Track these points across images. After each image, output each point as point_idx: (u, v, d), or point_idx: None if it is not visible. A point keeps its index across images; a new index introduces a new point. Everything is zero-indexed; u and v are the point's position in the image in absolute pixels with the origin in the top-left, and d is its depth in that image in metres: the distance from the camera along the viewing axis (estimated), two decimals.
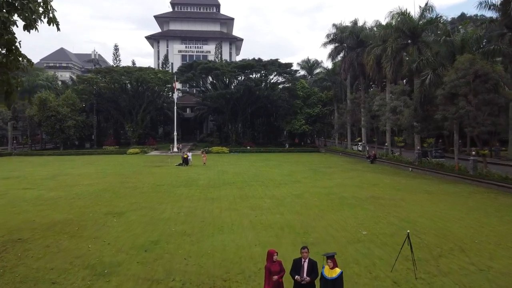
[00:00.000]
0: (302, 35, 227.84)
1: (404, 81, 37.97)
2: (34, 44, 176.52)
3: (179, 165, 33.06)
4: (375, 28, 39.81)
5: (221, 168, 31.62)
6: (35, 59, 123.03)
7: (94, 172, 29.00)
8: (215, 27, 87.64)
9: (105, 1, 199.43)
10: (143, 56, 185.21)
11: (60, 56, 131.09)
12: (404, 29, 31.72)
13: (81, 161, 39.17)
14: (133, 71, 54.00)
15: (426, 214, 14.61)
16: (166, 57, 78.61)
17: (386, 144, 36.19)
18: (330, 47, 47.19)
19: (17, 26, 7.99)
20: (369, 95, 40.46)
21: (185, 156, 33.20)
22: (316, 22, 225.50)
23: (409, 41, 32.27)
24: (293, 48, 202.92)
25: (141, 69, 55.94)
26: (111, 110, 58.84)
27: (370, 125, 40.94)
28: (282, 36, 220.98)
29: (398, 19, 31.83)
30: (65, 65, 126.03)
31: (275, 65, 54.57)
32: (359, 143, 47.09)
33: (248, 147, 53.34)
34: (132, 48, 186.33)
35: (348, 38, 43.24)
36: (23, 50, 8.17)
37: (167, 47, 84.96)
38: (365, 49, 40.65)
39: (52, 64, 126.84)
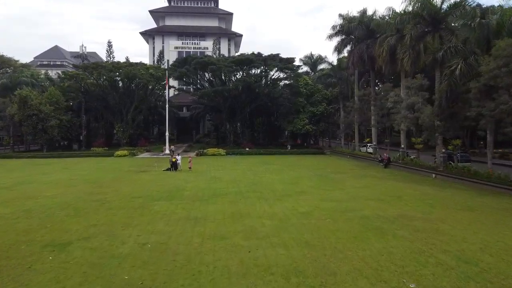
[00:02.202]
0: (303, 35, 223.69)
1: (418, 75, 33.78)
2: (34, 43, 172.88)
3: (167, 170, 29.07)
4: (387, 17, 35.65)
5: (214, 173, 27.60)
6: (31, 58, 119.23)
7: (67, 178, 25.01)
8: (213, 23, 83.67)
9: (106, 1, 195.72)
10: (144, 56, 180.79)
11: (55, 54, 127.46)
12: (424, 14, 27.66)
13: (61, 164, 35.19)
14: (123, 67, 50.00)
15: (486, 246, 10.57)
16: (161, 53, 74.59)
17: (402, 146, 32.13)
18: (336, 39, 43.17)
19: None
20: (380, 91, 36.42)
21: (174, 159, 29.18)
22: (317, 22, 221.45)
23: (430, 29, 28.16)
24: (293, 48, 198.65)
25: (131, 64, 52.09)
26: (100, 109, 54.93)
27: (382, 124, 36.85)
28: (282, 36, 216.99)
29: (417, 4, 27.75)
30: (59, 63, 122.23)
31: (276, 60, 50.54)
32: (368, 144, 43.04)
33: (247, 149, 49.32)
34: (133, 48, 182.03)
35: (356, 29, 39.17)
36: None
37: (163, 43, 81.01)
38: (376, 40, 36.65)
39: (46, 62, 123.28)
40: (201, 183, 22.43)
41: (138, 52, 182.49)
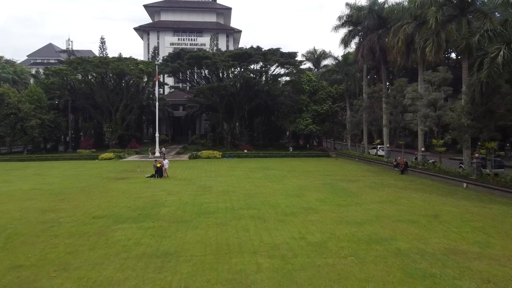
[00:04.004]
0: (304, 35, 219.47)
1: (441, 67, 29.83)
2: (34, 43, 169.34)
3: (151, 176, 25.14)
4: (403, 3, 31.69)
5: (204, 181, 23.63)
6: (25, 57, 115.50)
7: (28, 189, 21.05)
8: (211, 18, 79.84)
9: (108, 2, 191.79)
10: (142, 55, 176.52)
11: (48, 52, 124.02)
12: None
13: (34, 169, 31.28)
14: (110, 62, 46.10)
15: None
16: (155, 49, 70.67)
17: (422, 149, 28.11)
18: (343, 30, 39.24)
19: None
20: (394, 87, 32.48)
21: (158, 165, 25.20)
22: (318, 23, 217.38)
23: (456, 12, 24.16)
24: (294, 48, 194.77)
25: (120, 59, 48.12)
26: (88, 108, 51.03)
27: (396, 124, 32.88)
28: (283, 36, 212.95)
29: None
30: (53, 61, 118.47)
31: (276, 55, 46.47)
32: (378, 146, 39.06)
33: (245, 151, 45.36)
34: (134, 49, 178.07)
35: (366, 18, 35.16)
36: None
37: (158, 39, 77.22)
38: (388, 30, 32.72)
39: (40, 61, 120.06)
40: (186, 196, 18.45)
41: (140, 52, 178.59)
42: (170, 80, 66.64)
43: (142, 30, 77.98)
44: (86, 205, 16.38)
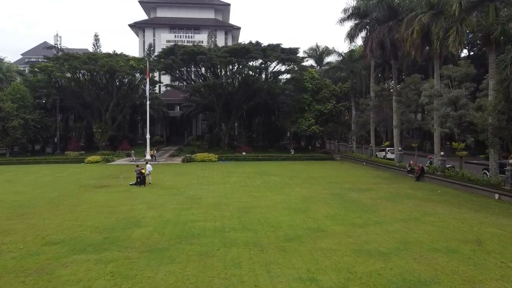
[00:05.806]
0: (305, 33, 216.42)
1: (462, 61, 26.89)
2: (35, 44, 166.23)
3: (135, 184, 22.21)
4: None
5: (194, 191, 20.66)
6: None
7: None
8: (209, 15, 76.86)
9: (108, 1, 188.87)
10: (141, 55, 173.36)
11: (43, 51, 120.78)
12: None
13: (9, 174, 28.38)
14: (100, 58, 43.22)
15: None
16: (150, 46, 67.68)
17: (442, 153, 25.08)
18: (349, 24, 36.41)
19: None
20: (407, 84, 29.55)
21: (143, 171, 22.27)
22: (318, 20, 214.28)
23: None
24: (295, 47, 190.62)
25: (109, 55, 45.25)
26: (77, 107, 48.15)
27: (409, 125, 29.92)
28: (283, 34, 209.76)
29: None
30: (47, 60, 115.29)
31: (277, 51, 43.55)
32: (387, 148, 36.08)
33: (244, 153, 42.42)
34: (132, 49, 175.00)
35: (375, 9, 32.19)
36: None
37: (154, 36, 74.35)
38: (400, 21, 29.75)
39: (35, 59, 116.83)
40: (169, 211, 15.49)
41: (136, 51, 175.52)
42: (166, 79, 63.79)
43: (138, 27, 75.10)
44: (45, 224, 13.44)
